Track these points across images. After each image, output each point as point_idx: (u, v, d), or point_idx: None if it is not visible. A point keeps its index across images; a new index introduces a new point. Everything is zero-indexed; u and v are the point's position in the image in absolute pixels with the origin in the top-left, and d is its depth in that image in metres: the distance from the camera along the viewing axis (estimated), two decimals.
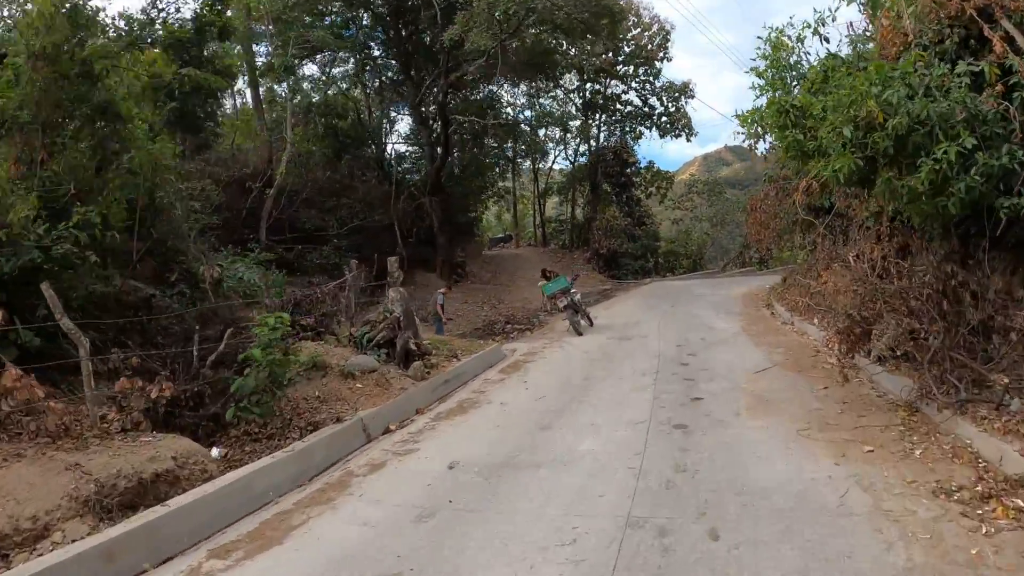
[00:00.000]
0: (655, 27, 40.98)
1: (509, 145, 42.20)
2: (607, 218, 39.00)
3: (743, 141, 8.79)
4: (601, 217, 39.53)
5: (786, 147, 7.42)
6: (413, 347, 11.84)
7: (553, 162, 50.79)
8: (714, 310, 18.12)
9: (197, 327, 11.35)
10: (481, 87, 32.48)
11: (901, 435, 6.71)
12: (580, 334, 15.79)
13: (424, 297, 26.24)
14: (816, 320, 12.71)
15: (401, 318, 11.96)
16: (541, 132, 44.13)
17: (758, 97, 8.01)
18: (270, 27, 25.37)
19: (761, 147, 9.21)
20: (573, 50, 38.51)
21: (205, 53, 14.02)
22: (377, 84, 33.81)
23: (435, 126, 29.51)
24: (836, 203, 14.28)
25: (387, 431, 9.16)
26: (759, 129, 8.09)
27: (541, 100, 41.83)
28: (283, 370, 8.90)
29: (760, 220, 18.47)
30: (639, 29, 40.85)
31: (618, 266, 37.81)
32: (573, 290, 16.99)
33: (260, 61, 27.56)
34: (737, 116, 7.96)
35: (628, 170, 42.43)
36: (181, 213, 17.44)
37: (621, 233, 38.46)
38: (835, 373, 9.60)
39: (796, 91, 7.70)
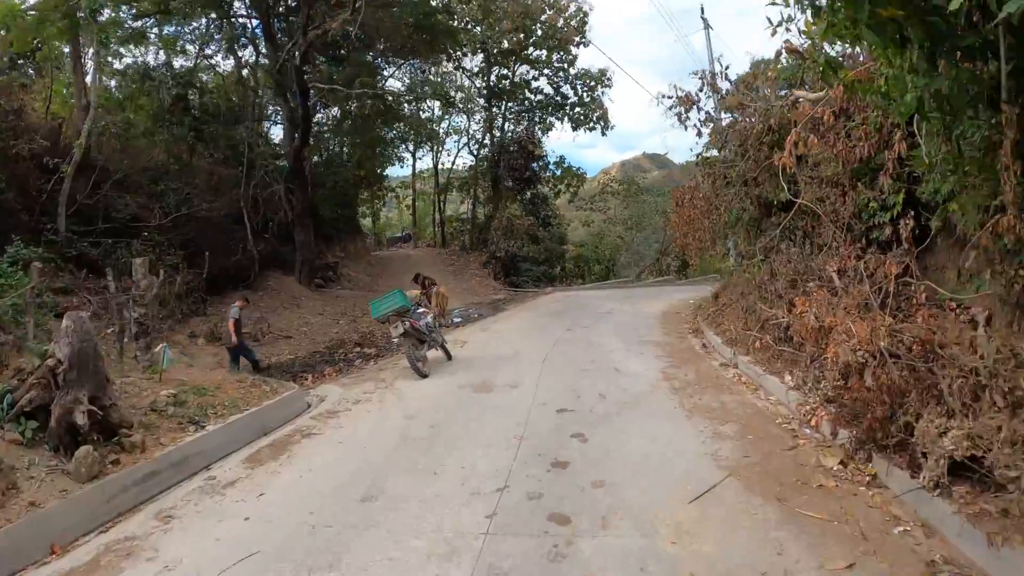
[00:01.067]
0: (571, 7, 36.11)
1: (407, 131, 36.38)
2: (507, 216, 34.05)
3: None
4: (500, 216, 34.56)
5: None
6: (81, 419, 6.40)
7: (457, 154, 45.63)
8: (624, 337, 13.25)
9: None
10: (349, 51, 26.48)
11: None
12: (423, 376, 10.62)
13: (272, 308, 20.70)
14: (788, 376, 7.84)
15: (66, 365, 6.51)
16: (434, 117, 38.57)
17: None
18: None
19: None
20: (479, 28, 33.56)
21: None
22: (255, 58, 27.81)
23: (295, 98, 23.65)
24: (802, 194, 9.61)
25: None
26: None
27: (433, 77, 36.21)
28: None
29: (688, 217, 13.72)
30: (553, 10, 35.88)
31: (517, 272, 32.49)
32: (421, 310, 11.85)
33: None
34: None
35: (534, 164, 37.37)
36: None
37: (523, 234, 33.48)
38: (847, 502, 4.81)
39: None
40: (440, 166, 45.05)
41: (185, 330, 15.87)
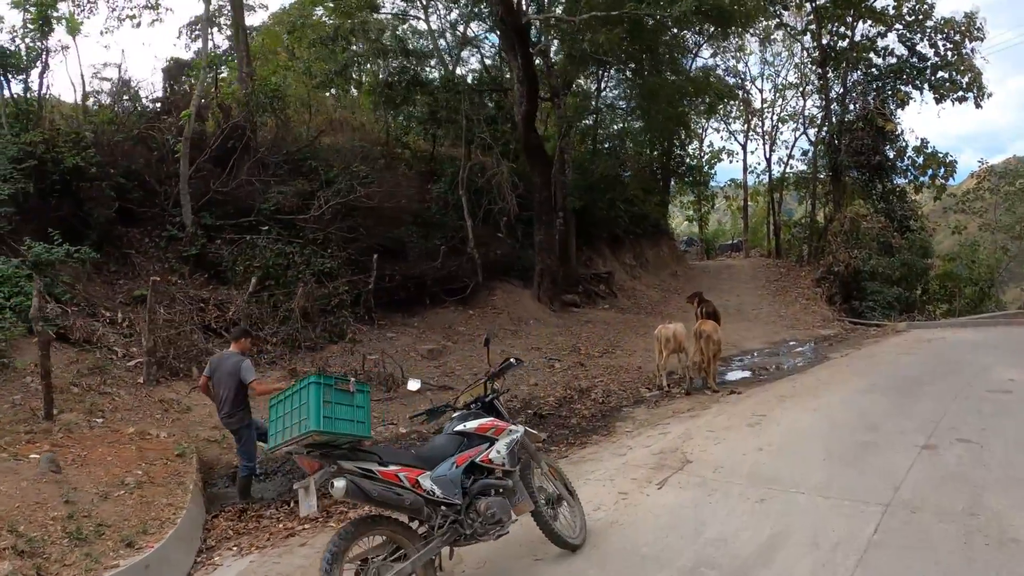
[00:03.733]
0: None
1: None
2: (850, 217, 25.53)
3: None
4: (841, 216, 26.16)
5: None
6: None
7: (794, 145, 37.78)
8: None
9: None
10: None
11: None
12: None
13: (470, 338, 15.31)
14: None
15: None
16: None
17: None
18: None
19: None
20: None
21: None
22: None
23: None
24: None
25: None
26: None
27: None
28: None
29: None
30: None
31: (861, 294, 23.59)
32: (479, 423, 4.90)
33: None
34: None
35: (886, 147, 28.03)
36: None
37: (871, 242, 24.62)
38: None
39: None
40: (775, 163, 38.37)
41: (297, 361, 11.71)
